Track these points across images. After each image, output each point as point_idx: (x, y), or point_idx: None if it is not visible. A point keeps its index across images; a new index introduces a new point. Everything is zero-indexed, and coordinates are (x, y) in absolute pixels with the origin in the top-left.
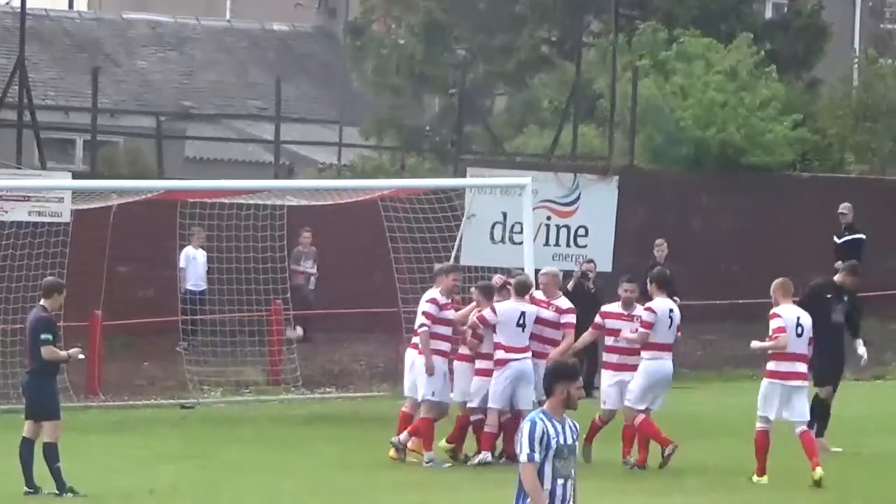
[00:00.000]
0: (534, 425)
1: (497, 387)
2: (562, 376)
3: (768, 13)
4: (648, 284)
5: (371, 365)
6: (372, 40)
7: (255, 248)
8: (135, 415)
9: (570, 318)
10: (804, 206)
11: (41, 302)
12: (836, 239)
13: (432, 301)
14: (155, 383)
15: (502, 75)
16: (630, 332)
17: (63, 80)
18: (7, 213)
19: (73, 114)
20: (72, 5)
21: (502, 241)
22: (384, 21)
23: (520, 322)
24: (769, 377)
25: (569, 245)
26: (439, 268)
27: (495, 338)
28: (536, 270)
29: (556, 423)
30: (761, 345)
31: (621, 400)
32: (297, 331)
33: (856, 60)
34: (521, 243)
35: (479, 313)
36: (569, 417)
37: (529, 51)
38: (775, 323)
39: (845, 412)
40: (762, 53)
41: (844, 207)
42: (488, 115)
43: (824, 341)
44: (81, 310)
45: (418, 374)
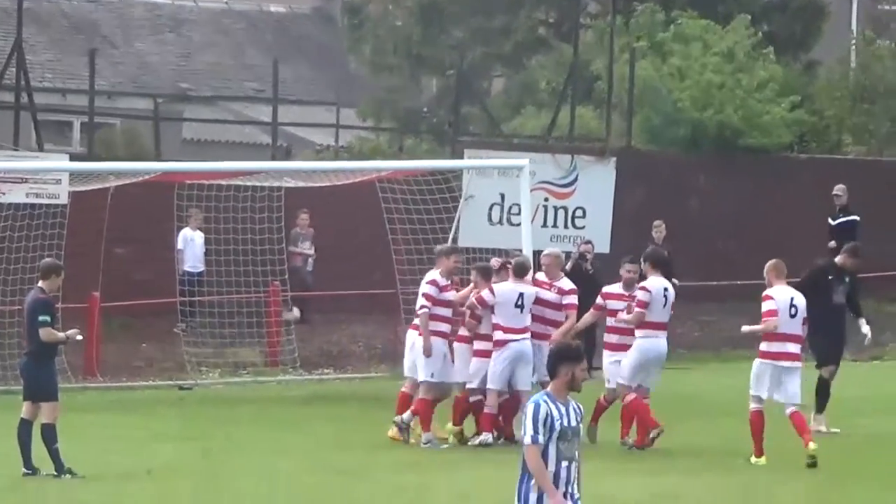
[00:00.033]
0: (538, 407)
1: (496, 367)
2: (566, 358)
3: None
4: (642, 263)
5: (369, 346)
6: (369, 22)
7: (253, 229)
8: (133, 396)
9: (572, 299)
10: (801, 188)
11: (39, 284)
12: (830, 221)
13: (432, 283)
14: (153, 364)
15: (500, 57)
16: (624, 314)
17: (60, 62)
18: (5, 194)
19: (70, 96)
20: None
21: (500, 222)
22: (381, 2)
23: (518, 303)
24: (761, 357)
25: (566, 226)
26: (440, 249)
27: (494, 319)
28: (535, 252)
29: (560, 405)
30: (752, 328)
31: None
32: (294, 312)
33: (853, 42)
34: (519, 224)
35: (478, 294)
36: (573, 399)
37: (527, 32)
38: (766, 306)
39: (843, 393)
40: (759, 35)
41: (839, 189)
42: (486, 97)
43: (826, 322)
44: (79, 291)
45: (418, 355)
